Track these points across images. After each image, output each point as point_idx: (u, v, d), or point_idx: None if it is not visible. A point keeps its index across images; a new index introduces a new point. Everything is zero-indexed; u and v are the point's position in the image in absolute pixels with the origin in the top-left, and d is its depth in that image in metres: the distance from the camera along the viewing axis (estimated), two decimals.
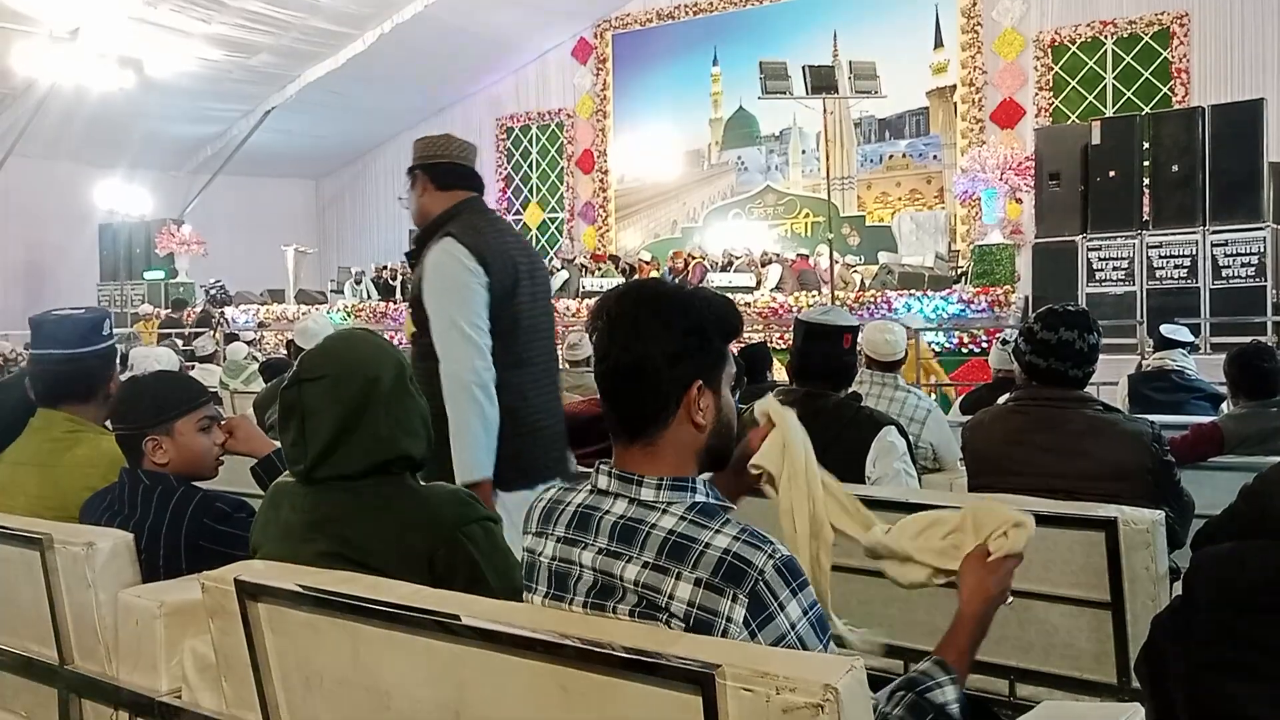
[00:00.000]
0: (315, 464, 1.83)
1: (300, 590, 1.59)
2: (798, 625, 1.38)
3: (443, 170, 2.98)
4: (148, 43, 14.75)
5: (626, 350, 1.50)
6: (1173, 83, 13.52)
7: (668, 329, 1.49)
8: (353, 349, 1.90)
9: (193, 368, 8.83)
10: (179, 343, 11.75)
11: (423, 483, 1.94)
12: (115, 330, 2.83)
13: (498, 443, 2.73)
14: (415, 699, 1.48)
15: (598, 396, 1.74)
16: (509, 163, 19.31)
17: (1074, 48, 14.18)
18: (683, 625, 1.38)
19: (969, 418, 3.56)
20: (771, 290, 12.84)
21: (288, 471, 1.93)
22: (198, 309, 15.56)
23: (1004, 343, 5.38)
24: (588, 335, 1.59)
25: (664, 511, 1.45)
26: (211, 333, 11.50)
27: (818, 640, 1.40)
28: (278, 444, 2.54)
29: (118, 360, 2.80)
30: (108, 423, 2.50)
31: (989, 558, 1.61)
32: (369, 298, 16.12)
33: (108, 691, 2.06)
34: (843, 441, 2.93)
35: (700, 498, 1.48)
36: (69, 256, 17.84)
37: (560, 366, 5.97)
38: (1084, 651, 2.33)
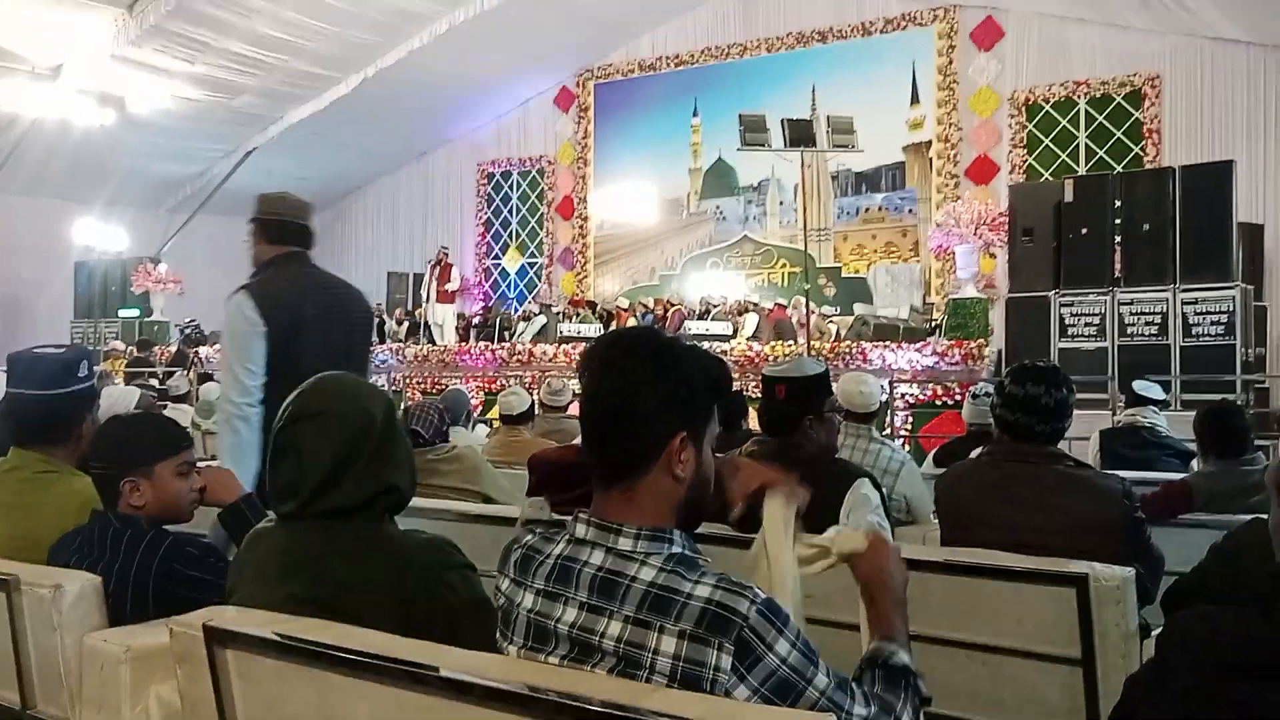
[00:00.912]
0: (311, 499, 1.84)
1: (269, 638, 1.57)
2: (788, 658, 1.38)
3: (273, 226, 3.42)
4: (130, 81, 14.78)
5: (615, 394, 1.51)
6: (1144, 143, 13.75)
7: (659, 377, 1.50)
8: (346, 388, 1.96)
9: (164, 407, 8.74)
10: (154, 383, 11.61)
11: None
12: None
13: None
14: None
15: (575, 443, 1.74)
16: (489, 207, 19.39)
17: (1048, 106, 14.42)
18: (666, 681, 1.37)
19: (942, 470, 3.57)
20: (748, 339, 12.90)
21: (269, 516, 1.94)
22: (172, 349, 15.44)
23: (974, 396, 5.40)
24: (578, 377, 1.60)
25: (642, 563, 1.45)
26: (185, 372, 11.40)
27: (809, 663, 1.40)
28: (246, 490, 2.53)
29: (95, 402, 2.77)
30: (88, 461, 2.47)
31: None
32: None
33: None
34: (816, 493, 2.94)
35: (677, 549, 1.48)
36: (44, 292, 17.73)
37: (534, 412, 5.99)
38: (1056, 708, 2.34)
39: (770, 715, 1.26)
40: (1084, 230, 9.59)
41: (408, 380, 13.71)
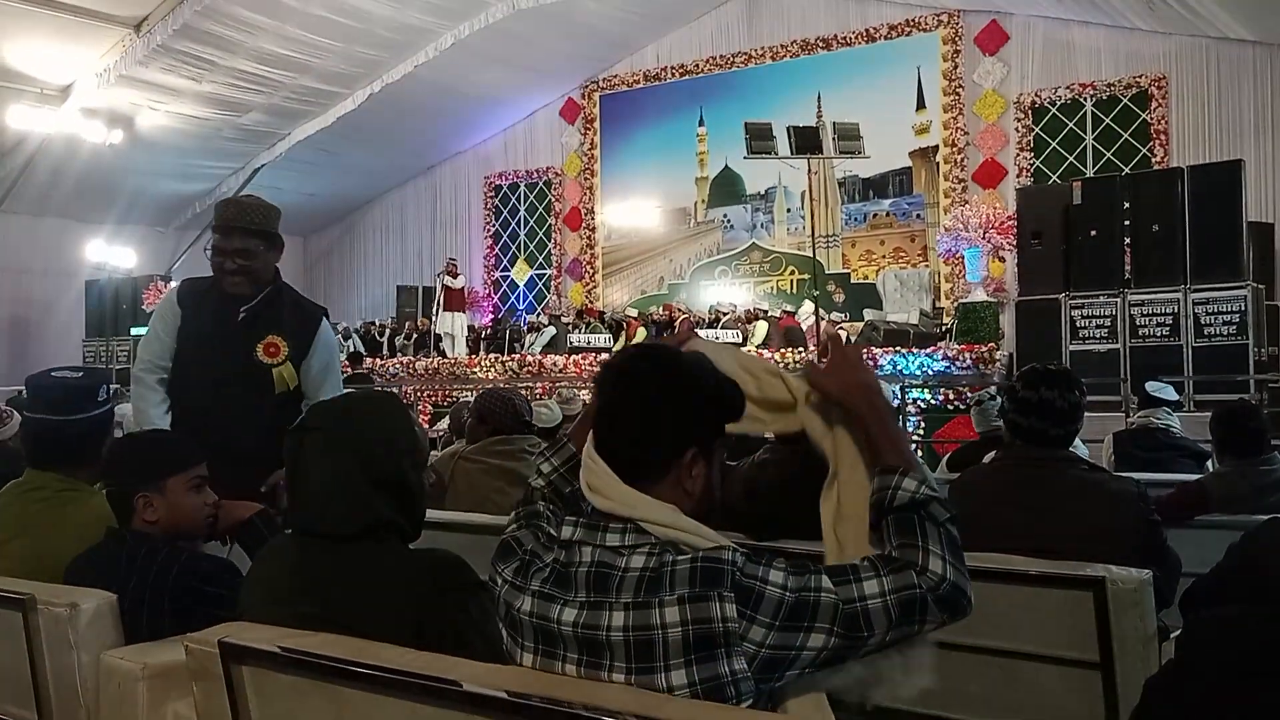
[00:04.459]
0: (322, 517, 1.84)
1: (284, 653, 1.57)
2: (788, 583, 1.42)
3: (279, 240, 3.38)
4: (138, 100, 14.86)
5: (631, 408, 1.56)
6: (1152, 144, 13.72)
7: (680, 392, 1.56)
8: (357, 410, 1.93)
9: None
10: None
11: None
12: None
13: None
14: None
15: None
16: (497, 220, 19.44)
17: (1054, 109, 14.41)
18: (682, 652, 1.39)
19: (956, 475, 3.56)
20: (758, 346, 12.89)
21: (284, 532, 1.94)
22: None
23: (979, 403, 5.37)
24: (595, 388, 1.63)
25: (631, 554, 1.48)
26: None
27: (807, 574, 1.44)
28: (260, 505, 2.53)
29: (113, 424, 2.77)
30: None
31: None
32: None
33: None
34: None
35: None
36: (55, 312, 17.79)
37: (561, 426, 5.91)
38: (1074, 712, 2.32)
39: None
40: (1093, 232, 9.57)
41: (418, 393, 13.73)
